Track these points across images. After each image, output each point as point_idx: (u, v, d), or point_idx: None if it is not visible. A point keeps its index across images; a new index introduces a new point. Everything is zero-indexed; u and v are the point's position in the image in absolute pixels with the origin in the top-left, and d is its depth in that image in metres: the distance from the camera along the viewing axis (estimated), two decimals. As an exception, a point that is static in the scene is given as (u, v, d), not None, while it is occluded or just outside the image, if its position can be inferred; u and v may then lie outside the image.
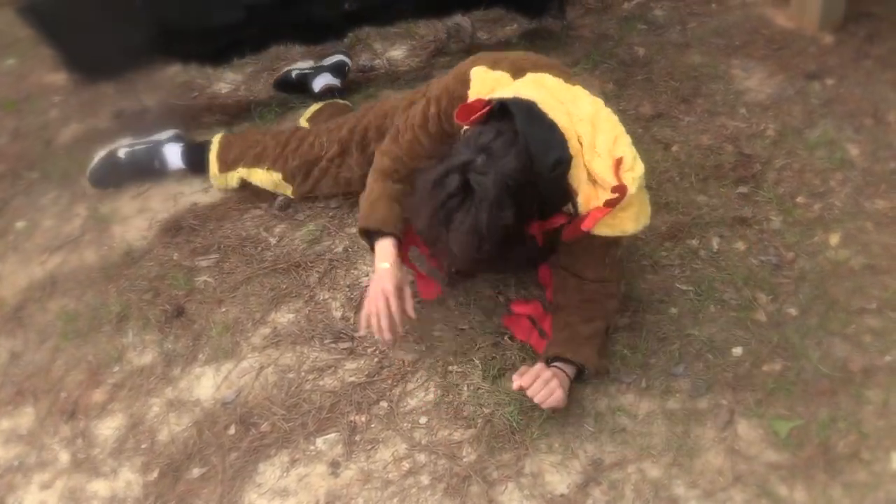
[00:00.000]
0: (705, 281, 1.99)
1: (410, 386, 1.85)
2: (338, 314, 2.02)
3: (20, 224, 2.47)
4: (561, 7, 2.91)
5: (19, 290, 2.24)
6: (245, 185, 2.37)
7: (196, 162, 2.45)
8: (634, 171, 1.60)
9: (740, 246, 2.08)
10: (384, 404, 1.82)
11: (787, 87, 2.64)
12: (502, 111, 1.59)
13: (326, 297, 2.06)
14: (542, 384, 1.66)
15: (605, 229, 1.67)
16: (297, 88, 2.85)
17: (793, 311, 1.92)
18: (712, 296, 1.97)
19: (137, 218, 2.41)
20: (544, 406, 1.67)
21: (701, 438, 1.71)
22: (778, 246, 2.08)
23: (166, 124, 2.60)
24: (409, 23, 2.97)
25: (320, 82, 2.77)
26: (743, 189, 2.25)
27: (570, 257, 1.82)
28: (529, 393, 1.66)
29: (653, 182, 2.29)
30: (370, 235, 1.86)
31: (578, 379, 1.78)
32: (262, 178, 2.30)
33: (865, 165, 2.30)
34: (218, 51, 2.75)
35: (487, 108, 1.61)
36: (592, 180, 1.62)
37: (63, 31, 2.49)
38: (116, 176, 2.51)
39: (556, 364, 1.74)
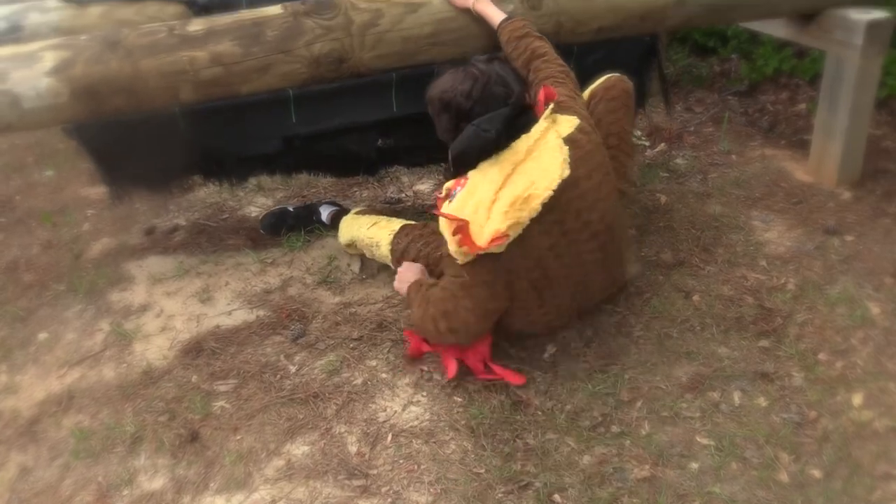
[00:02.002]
0: (727, 436, 1.97)
1: (423, 530, 1.81)
2: (353, 449, 2.00)
3: (42, 335, 2.49)
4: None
5: (35, 402, 2.24)
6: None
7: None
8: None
9: (762, 401, 2.07)
10: (395, 548, 1.78)
11: (807, 241, 2.68)
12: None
13: (343, 430, 2.04)
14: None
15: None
16: (289, 225, 2.89)
17: (816, 473, 1.89)
18: (734, 452, 1.93)
19: (159, 337, 2.43)
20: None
21: None
22: (800, 403, 2.06)
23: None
24: (442, 165, 3.02)
25: (327, 211, 2.85)
26: (764, 343, 2.25)
27: None
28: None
29: (674, 331, 2.30)
30: None
31: None
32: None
33: (886, 325, 2.30)
34: (250, 174, 2.84)
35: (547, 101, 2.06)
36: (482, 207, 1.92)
37: (107, 151, 2.59)
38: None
39: None
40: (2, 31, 2.47)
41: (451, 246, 1.94)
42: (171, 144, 2.58)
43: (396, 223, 2.53)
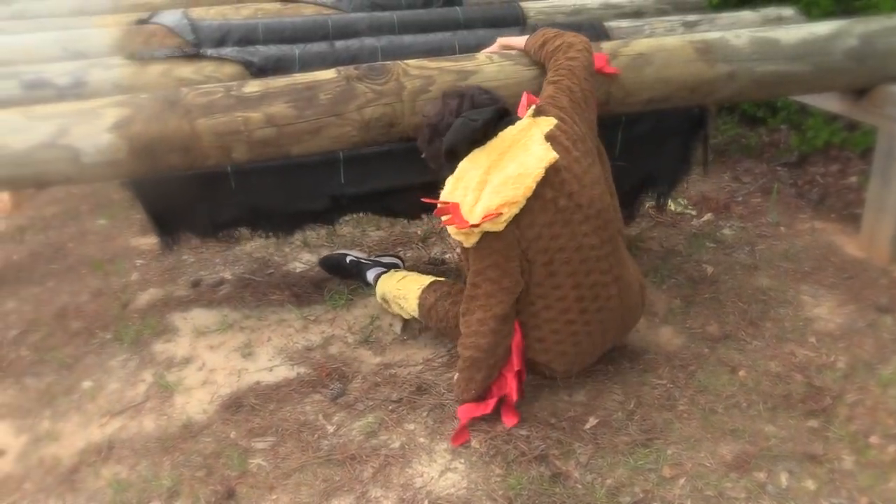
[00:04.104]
0: (773, 520, 1.91)
1: None
2: (388, 515, 1.97)
3: (87, 384, 2.52)
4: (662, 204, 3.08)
5: (76, 451, 2.25)
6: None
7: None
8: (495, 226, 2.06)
9: (810, 485, 2.00)
10: None
11: (858, 318, 2.62)
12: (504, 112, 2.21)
13: (378, 494, 2.02)
14: None
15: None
16: (342, 273, 2.98)
17: (867, 564, 1.81)
18: (780, 537, 1.87)
19: (201, 390, 2.45)
20: None
21: None
22: (850, 489, 1.99)
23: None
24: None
25: (374, 273, 2.86)
26: (813, 423, 2.19)
27: None
28: None
29: (719, 406, 2.25)
30: None
31: None
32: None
33: (942, 409, 2.23)
34: (297, 229, 2.88)
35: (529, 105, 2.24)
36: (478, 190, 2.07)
37: (159, 202, 2.65)
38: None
39: None
40: (66, 86, 2.56)
41: (450, 231, 2.11)
42: (221, 199, 2.64)
43: (426, 279, 2.57)
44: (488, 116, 2.12)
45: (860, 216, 3.08)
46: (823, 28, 2.77)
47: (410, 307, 2.55)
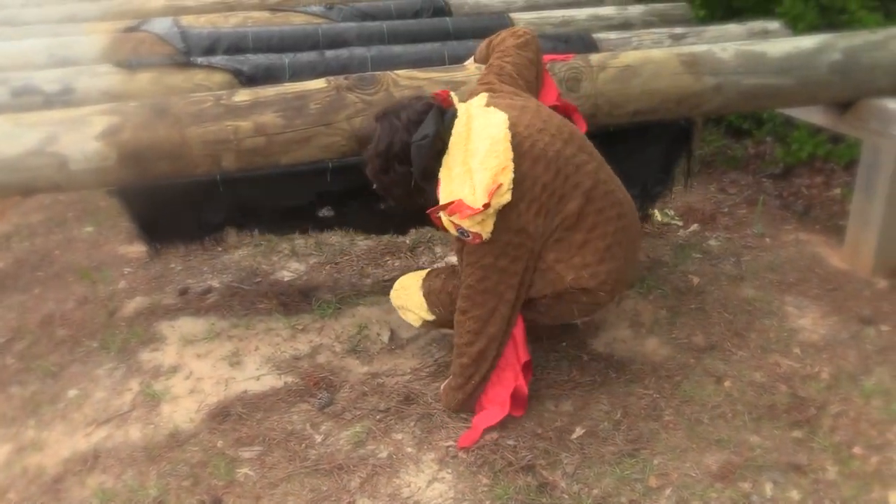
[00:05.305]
0: (758, 530, 1.92)
1: None
2: (375, 524, 1.97)
3: (72, 392, 2.51)
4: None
5: (61, 460, 2.24)
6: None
7: None
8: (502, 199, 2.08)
9: (795, 495, 2.01)
10: None
11: (842, 329, 2.65)
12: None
13: (366, 504, 2.02)
14: None
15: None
16: None
17: (850, 574, 1.83)
18: (765, 547, 1.88)
19: (188, 399, 2.44)
20: None
21: None
22: (834, 499, 2.00)
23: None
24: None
25: None
26: (797, 433, 2.20)
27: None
28: None
29: (704, 417, 2.26)
30: None
31: None
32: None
33: (924, 420, 2.25)
34: (283, 227, 2.86)
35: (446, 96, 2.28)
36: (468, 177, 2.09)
37: (144, 206, 2.63)
38: None
39: None
40: (55, 93, 2.56)
41: (465, 224, 2.09)
42: (207, 201, 2.62)
43: (422, 271, 2.51)
44: (433, 128, 2.14)
45: (844, 228, 3.11)
46: (808, 42, 2.81)
47: (415, 303, 2.43)
